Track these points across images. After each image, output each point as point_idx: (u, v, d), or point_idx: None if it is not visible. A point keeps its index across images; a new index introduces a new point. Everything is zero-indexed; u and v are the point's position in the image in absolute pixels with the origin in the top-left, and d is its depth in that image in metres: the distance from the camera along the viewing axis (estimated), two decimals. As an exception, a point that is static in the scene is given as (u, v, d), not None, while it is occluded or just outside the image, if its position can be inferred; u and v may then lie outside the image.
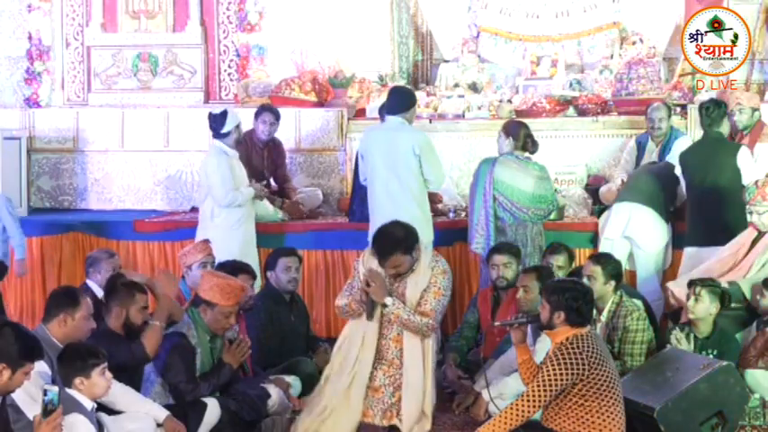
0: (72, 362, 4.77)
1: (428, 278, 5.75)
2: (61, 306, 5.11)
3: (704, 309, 6.10)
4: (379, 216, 7.19)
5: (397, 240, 5.70)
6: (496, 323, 5.83)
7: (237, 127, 7.72)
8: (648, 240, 7.63)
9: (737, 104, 7.90)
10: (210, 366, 5.72)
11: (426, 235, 7.18)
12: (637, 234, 7.63)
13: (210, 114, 7.79)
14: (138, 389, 5.41)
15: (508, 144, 7.35)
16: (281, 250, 7.14)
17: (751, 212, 6.77)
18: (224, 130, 7.67)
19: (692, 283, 6.20)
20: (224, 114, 7.71)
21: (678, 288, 6.74)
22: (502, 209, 7.25)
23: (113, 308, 5.51)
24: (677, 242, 7.67)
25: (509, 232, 7.26)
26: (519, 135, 7.36)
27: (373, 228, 7.23)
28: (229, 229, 7.57)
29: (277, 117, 8.62)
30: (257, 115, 8.58)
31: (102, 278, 6.58)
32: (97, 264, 6.64)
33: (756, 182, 6.86)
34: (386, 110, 7.53)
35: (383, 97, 9.65)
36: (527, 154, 7.38)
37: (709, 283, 6.17)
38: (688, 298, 6.16)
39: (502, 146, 7.39)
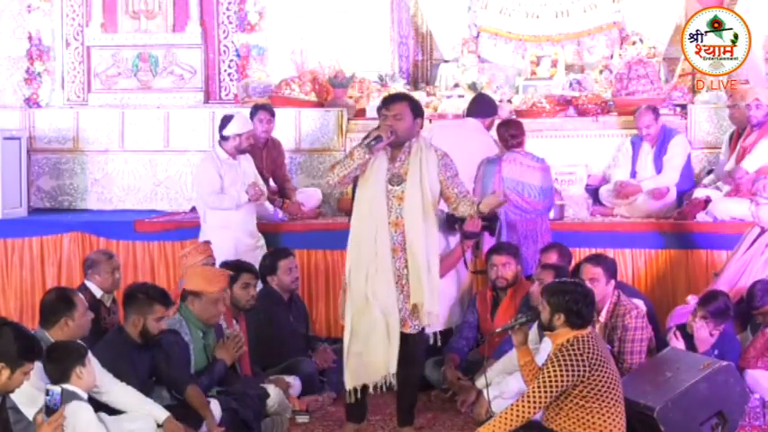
0: (67, 354, 4.81)
1: (436, 160, 5.51)
2: (59, 311, 5.10)
3: (708, 333, 6.05)
4: None
5: (406, 95, 5.75)
6: (497, 329, 5.68)
7: (240, 135, 7.65)
8: None
9: (755, 100, 7.94)
10: (204, 363, 5.72)
11: None
12: None
13: (223, 115, 7.87)
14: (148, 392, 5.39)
15: (497, 146, 7.52)
16: (277, 254, 7.10)
17: (752, 201, 6.74)
18: (225, 133, 7.68)
19: (700, 305, 6.09)
20: (230, 118, 7.74)
21: None
22: (513, 207, 7.20)
23: (131, 316, 5.46)
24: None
25: (519, 228, 7.26)
26: (499, 135, 7.52)
27: None
28: (220, 229, 7.54)
29: (273, 115, 8.60)
30: (252, 115, 8.53)
31: (102, 280, 6.59)
32: (96, 266, 6.63)
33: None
34: (468, 111, 7.77)
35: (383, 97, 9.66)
36: (524, 149, 7.43)
37: (718, 311, 6.04)
38: (694, 317, 6.08)
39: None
